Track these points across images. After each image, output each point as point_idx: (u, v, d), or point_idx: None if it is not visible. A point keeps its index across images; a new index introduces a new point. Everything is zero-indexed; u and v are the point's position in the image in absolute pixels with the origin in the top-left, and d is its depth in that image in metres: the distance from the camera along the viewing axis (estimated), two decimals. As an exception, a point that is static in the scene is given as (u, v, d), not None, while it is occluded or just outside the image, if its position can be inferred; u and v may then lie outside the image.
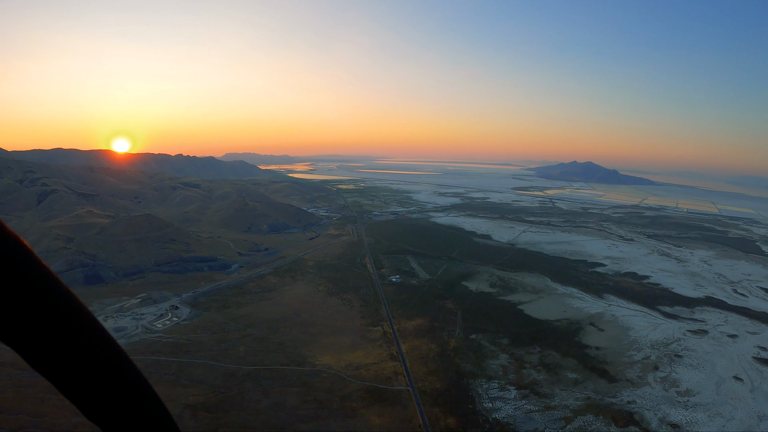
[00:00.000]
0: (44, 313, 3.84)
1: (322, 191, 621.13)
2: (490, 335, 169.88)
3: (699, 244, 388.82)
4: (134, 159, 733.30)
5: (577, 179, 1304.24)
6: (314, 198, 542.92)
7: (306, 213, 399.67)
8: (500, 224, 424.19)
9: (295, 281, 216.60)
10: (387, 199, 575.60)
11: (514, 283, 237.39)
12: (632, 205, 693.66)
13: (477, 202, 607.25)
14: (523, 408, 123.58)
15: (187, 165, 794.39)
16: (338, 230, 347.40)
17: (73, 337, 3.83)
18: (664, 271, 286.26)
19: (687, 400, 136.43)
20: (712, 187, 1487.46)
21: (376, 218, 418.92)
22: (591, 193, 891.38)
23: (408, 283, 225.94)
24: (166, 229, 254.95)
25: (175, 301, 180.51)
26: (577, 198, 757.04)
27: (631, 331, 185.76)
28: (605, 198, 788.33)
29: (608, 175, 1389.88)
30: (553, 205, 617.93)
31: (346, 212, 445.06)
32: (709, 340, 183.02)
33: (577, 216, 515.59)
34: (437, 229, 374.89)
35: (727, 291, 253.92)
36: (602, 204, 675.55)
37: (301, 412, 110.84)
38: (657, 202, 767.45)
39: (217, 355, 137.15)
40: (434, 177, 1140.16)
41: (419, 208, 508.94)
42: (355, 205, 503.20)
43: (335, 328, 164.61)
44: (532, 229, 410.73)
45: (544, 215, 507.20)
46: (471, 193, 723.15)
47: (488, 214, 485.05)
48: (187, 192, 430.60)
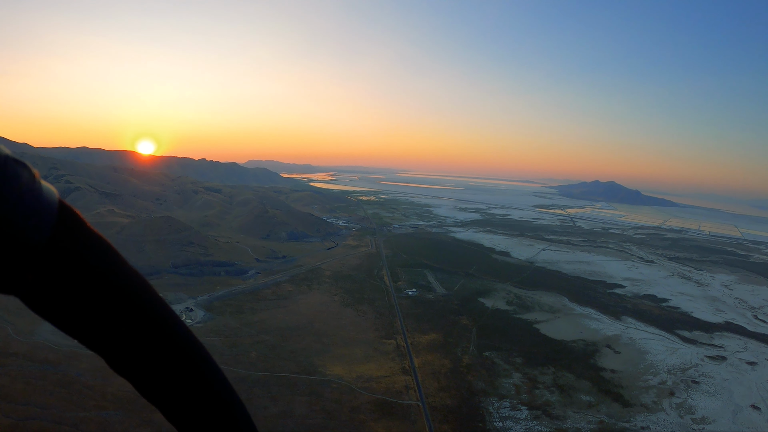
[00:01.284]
0: (134, 318, 3.76)
1: (343, 202, 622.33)
2: (504, 353, 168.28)
3: (720, 268, 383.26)
4: (158, 161, 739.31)
5: (598, 199, 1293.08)
6: (335, 208, 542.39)
7: (325, 223, 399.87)
8: (520, 241, 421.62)
9: (311, 290, 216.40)
10: (407, 212, 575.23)
11: (531, 301, 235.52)
12: (654, 226, 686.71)
13: (497, 218, 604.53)
14: (534, 429, 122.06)
15: (209, 170, 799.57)
16: (357, 241, 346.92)
17: (163, 342, 3.94)
18: (683, 295, 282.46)
19: (702, 428, 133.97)
20: (736, 210, 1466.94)
21: (396, 231, 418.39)
22: (612, 213, 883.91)
23: (424, 298, 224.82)
24: (186, 231, 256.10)
25: (190, 303, 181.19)
26: (599, 218, 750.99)
27: (648, 354, 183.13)
28: (627, 218, 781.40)
29: (630, 196, 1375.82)
30: (573, 224, 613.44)
31: (365, 224, 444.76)
32: (728, 367, 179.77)
33: (597, 236, 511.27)
34: (456, 244, 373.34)
35: (747, 317, 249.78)
36: (623, 224, 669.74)
37: (309, 421, 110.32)
38: (679, 224, 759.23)
39: (228, 360, 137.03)
40: (455, 192, 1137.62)
41: (439, 223, 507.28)
42: (375, 216, 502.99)
43: (348, 339, 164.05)
44: (551, 247, 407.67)
45: (565, 234, 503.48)
46: (491, 210, 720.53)
47: (508, 231, 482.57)
48: (208, 196, 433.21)
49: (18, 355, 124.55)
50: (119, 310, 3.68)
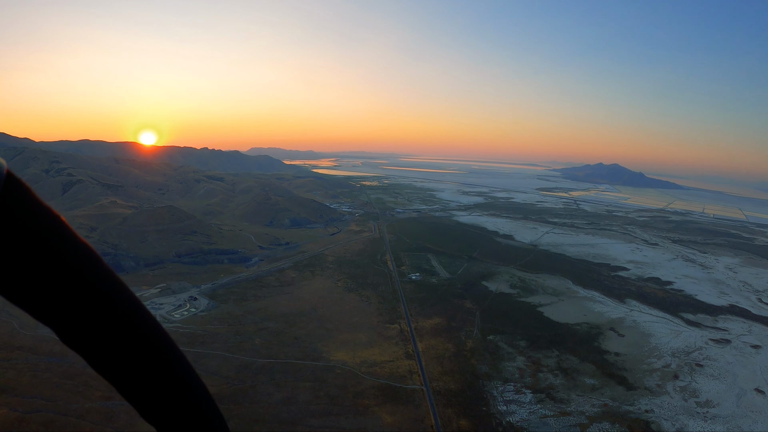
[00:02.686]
0: (112, 319, 3.97)
1: (346, 187, 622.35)
2: (507, 337, 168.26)
3: (725, 251, 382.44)
4: (160, 151, 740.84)
5: (602, 181, 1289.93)
6: (337, 194, 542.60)
7: (328, 208, 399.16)
8: (523, 225, 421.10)
9: (314, 276, 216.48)
10: (410, 197, 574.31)
11: (535, 284, 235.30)
12: (658, 209, 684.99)
13: (501, 201, 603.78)
14: (538, 412, 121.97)
15: (212, 158, 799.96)
16: (360, 226, 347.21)
17: (136, 342, 3.99)
18: (688, 278, 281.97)
19: (706, 411, 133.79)
20: (740, 193, 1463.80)
21: (399, 215, 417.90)
22: (616, 195, 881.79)
23: (427, 282, 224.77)
24: (188, 220, 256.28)
25: (193, 292, 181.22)
26: (602, 200, 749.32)
27: (652, 337, 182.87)
28: (630, 201, 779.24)
29: (634, 178, 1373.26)
30: (577, 207, 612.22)
31: (368, 209, 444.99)
32: (732, 350, 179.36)
33: (601, 218, 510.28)
34: (459, 228, 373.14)
35: (752, 300, 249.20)
36: (627, 207, 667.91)
37: (313, 407, 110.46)
38: (683, 207, 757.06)
39: (232, 347, 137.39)
40: (458, 176, 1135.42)
41: (442, 207, 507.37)
42: (378, 201, 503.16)
43: (352, 325, 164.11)
44: (555, 230, 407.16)
45: (568, 217, 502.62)
46: (495, 193, 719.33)
47: (511, 214, 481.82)
48: (210, 185, 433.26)
49: (24, 348, 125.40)
50: (65, 283, 3.63)
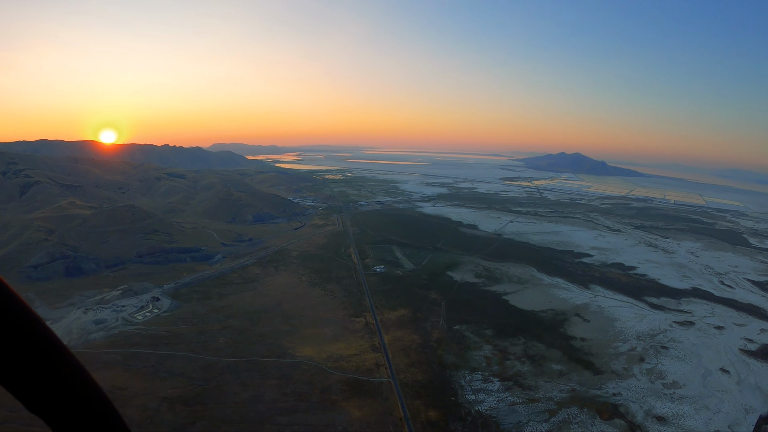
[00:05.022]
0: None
1: (309, 181, 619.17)
2: (474, 326, 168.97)
3: (686, 236, 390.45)
4: (120, 150, 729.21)
5: (565, 170, 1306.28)
6: (300, 188, 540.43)
7: (291, 203, 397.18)
8: (487, 214, 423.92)
9: (278, 272, 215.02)
10: (373, 189, 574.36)
11: (500, 273, 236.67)
12: (620, 196, 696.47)
13: (464, 192, 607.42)
14: (507, 400, 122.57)
15: (173, 155, 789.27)
16: (323, 220, 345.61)
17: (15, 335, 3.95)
18: (650, 262, 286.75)
19: (673, 392, 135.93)
20: (700, 179, 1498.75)
21: (362, 208, 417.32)
22: (579, 184, 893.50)
23: (392, 274, 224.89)
24: (149, 219, 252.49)
25: (156, 292, 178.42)
26: (565, 189, 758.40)
27: (617, 322, 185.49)
28: (593, 189, 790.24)
29: (596, 167, 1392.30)
30: (540, 196, 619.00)
31: (332, 202, 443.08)
32: (696, 332, 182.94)
33: (564, 207, 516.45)
34: (423, 219, 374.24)
35: (713, 282, 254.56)
36: (590, 195, 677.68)
37: (280, 404, 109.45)
38: (644, 194, 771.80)
39: (196, 347, 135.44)
40: (422, 167, 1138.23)
41: (406, 198, 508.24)
42: (342, 195, 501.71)
43: (317, 319, 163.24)
44: (519, 219, 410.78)
45: (532, 206, 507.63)
46: (458, 183, 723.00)
47: (475, 204, 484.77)
48: (172, 183, 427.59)
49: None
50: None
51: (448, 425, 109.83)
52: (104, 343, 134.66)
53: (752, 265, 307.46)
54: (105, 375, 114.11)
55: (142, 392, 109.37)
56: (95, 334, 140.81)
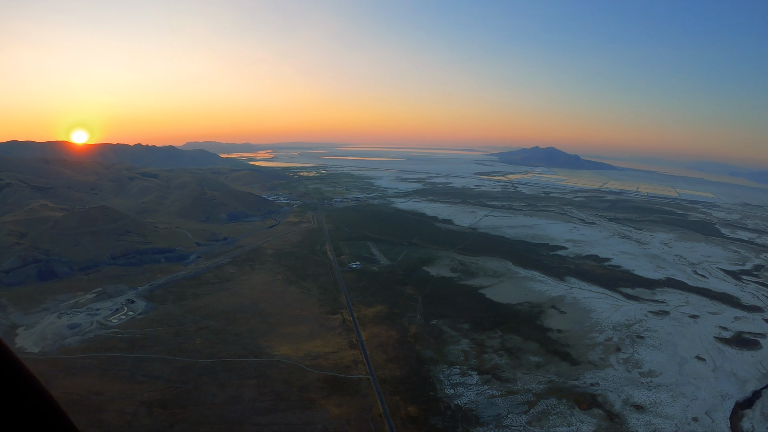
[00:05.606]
0: None
1: (283, 179, 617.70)
2: (450, 320, 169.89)
3: (659, 227, 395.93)
4: (92, 150, 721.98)
5: (539, 164, 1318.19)
6: (275, 185, 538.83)
7: (266, 201, 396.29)
8: (462, 209, 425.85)
9: (254, 270, 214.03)
10: (348, 186, 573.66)
11: (476, 267, 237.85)
12: (593, 189, 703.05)
13: (439, 187, 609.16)
14: (486, 393, 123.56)
15: (146, 155, 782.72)
16: (298, 218, 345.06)
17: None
18: (625, 254, 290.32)
19: (650, 381, 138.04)
20: (673, 172, 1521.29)
21: (337, 205, 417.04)
22: (553, 177, 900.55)
23: (368, 270, 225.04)
24: (122, 220, 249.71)
25: (130, 294, 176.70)
26: (539, 183, 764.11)
27: (593, 313, 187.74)
28: (567, 183, 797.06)
29: (570, 161, 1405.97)
30: (515, 190, 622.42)
31: (306, 199, 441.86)
32: (671, 321, 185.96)
33: (538, 200, 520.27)
34: (398, 215, 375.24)
35: (687, 272, 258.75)
36: (564, 188, 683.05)
37: (259, 404, 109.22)
38: (618, 187, 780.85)
39: (173, 349, 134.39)
40: (397, 163, 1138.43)
41: (381, 194, 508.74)
42: (316, 192, 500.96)
43: (294, 317, 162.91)
44: (494, 213, 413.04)
45: (506, 200, 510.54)
46: (433, 179, 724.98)
47: (450, 199, 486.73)
48: (144, 182, 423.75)
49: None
50: None
51: (427, 420, 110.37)
52: (79, 348, 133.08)
53: (725, 254, 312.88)
54: (81, 381, 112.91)
55: (119, 397, 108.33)
56: (70, 339, 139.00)
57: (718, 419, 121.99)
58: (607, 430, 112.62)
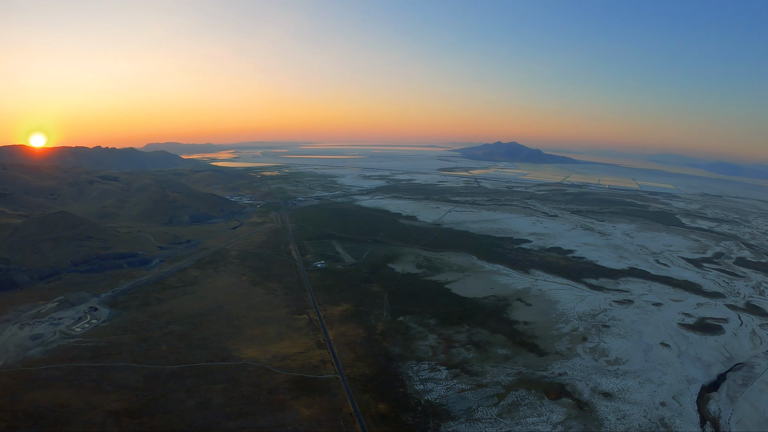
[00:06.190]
0: None
1: (246, 179, 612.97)
2: (417, 316, 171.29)
3: (621, 218, 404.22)
4: (50, 154, 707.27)
5: (501, 159, 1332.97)
6: (237, 186, 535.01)
7: (229, 202, 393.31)
8: (426, 205, 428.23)
9: (218, 273, 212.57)
10: (311, 184, 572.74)
11: (441, 262, 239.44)
12: (556, 183, 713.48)
13: (402, 184, 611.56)
14: (455, 387, 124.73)
15: (105, 157, 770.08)
16: (262, 218, 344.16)
17: None
18: (588, 245, 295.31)
19: (617, 368, 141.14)
20: (633, 164, 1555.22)
21: (301, 204, 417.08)
22: (515, 172, 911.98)
23: (333, 268, 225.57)
24: (83, 226, 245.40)
25: (93, 302, 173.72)
26: (502, 177, 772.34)
27: (558, 304, 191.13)
28: (529, 177, 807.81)
29: (532, 155, 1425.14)
30: (478, 185, 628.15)
31: (269, 199, 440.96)
32: (635, 310, 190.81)
33: (502, 195, 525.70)
34: (362, 213, 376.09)
35: (649, 262, 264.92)
36: (526, 182, 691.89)
37: (228, 409, 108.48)
38: (580, 180, 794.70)
39: (138, 357, 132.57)
40: (359, 161, 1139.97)
41: (344, 192, 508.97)
42: (279, 191, 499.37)
43: (260, 319, 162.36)
44: (457, 208, 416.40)
45: (470, 195, 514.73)
46: (396, 176, 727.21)
47: (413, 196, 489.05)
48: (105, 186, 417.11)
49: None
50: None
51: (398, 417, 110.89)
52: (43, 360, 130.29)
53: (685, 243, 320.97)
54: (46, 393, 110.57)
55: (86, 408, 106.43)
56: (33, 350, 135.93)
57: (685, 403, 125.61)
58: (576, 418, 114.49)
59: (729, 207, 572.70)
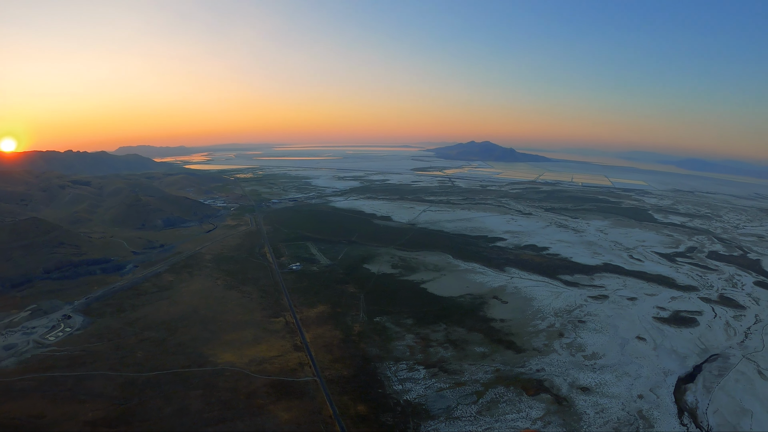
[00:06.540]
0: None
1: (220, 181, 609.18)
2: (394, 316, 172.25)
3: (594, 215, 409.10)
4: (20, 158, 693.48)
5: (475, 158, 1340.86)
6: (211, 189, 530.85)
7: (202, 205, 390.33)
8: (400, 205, 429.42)
9: (193, 277, 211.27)
10: (285, 186, 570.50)
11: (416, 262, 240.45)
12: (529, 181, 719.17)
13: (377, 184, 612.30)
14: (434, 387, 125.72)
15: (77, 161, 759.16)
16: (236, 221, 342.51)
17: None
18: (562, 242, 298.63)
19: (594, 363, 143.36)
20: (605, 162, 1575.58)
21: (275, 206, 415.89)
22: (489, 171, 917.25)
23: (308, 270, 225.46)
24: (55, 232, 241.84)
25: (67, 309, 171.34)
26: (476, 176, 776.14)
27: (534, 301, 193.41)
28: (503, 175, 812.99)
29: (505, 154, 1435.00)
30: (452, 184, 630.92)
31: (244, 202, 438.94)
32: (610, 304, 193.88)
33: (476, 193, 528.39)
34: (337, 214, 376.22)
35: (623, 257, 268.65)
36: (500, 181, 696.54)
37: (206, 415, 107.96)
38: (553, 178, 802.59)
39: (114, 364, 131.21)
40: (334, 162, 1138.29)
41: (318, 194, 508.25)
42: (254, 193, 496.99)
43: (236, 323, 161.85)
44: (432, 208, 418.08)
45: (444, 194, 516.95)
46: (371, 176, 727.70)
47: (388, 196, 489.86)
48: (76, 190, 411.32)
49: None
50: None
51: (378, 418, 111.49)
52: (17, 370, 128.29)
53: (658, 238, 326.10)
54: (21, 404, 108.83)
55: (62, 418, 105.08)
56: (6, 360, 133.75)
57: (662, 395, 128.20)
58: (555, 413, 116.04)
59: (700, 202, 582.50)
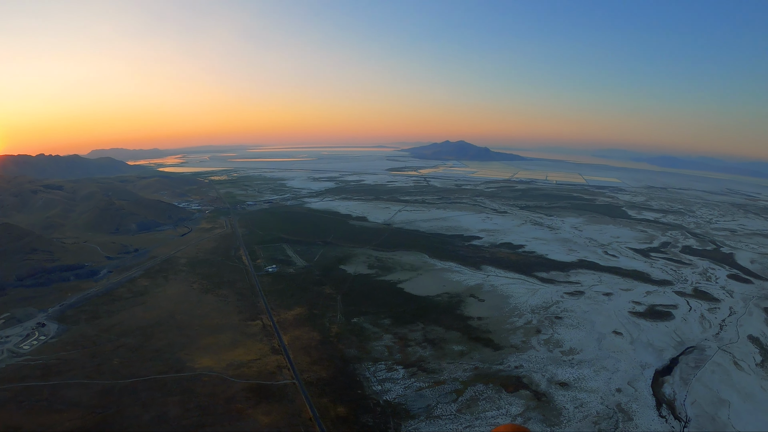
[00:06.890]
0: None
1: (194, 184, 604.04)
2: (371, 317, 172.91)
3: (569, 213, 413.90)
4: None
5: (450, 158, 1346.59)
6: (185, 191, 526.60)
7: (177, 208, 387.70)
8: (375, 205, 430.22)
9: (168, 281, 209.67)
10: (260, 188, 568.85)
11: (392, 262, 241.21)
12: (504, 179, 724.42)
13: (352, 185, 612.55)
14: (413, 386, 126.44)
15: (49, 165, 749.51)
16: (211, 223, 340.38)
17: None
18: (537, 240, 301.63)
19: (572, 358, 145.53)
20: (579, 160, 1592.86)
21: (250, 208, 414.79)
22: (464, 170, 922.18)
23: (285, 272, 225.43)
24: (27, 238, 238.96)
25: (41, 317, 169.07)
26: (451, 176, 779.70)
27: (510, 298, 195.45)
28: (478, 174, 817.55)
29: (480, 153, 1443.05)
30: (427, 184, 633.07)
31: (218, 204, 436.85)
32: (586, 300, 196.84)
33: (451, 193, 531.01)
34: (312, 215, 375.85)
35: (598, 253, 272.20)
36: (475, 180, 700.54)
37: (185, 421, 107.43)
38: (527, 176, 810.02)
39: (90, 372, 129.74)
40: (308, 163, 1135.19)
41: (293, 195, 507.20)
42: (228, 196, 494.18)
43: (213, 327, 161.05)
44: (407, 208, 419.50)
45: (419, 194, 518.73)
46: (345, 177, 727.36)
47: (363, 197, 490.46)
48: (49, 195, 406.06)
49: None
50: None
51: (358, 419, 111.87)
52: None
53: (632, 234, 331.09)
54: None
55: (39, 429, 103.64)
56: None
57: (640, 388, 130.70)
58: (535, 409, 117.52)
59: (673, 198, 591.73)
